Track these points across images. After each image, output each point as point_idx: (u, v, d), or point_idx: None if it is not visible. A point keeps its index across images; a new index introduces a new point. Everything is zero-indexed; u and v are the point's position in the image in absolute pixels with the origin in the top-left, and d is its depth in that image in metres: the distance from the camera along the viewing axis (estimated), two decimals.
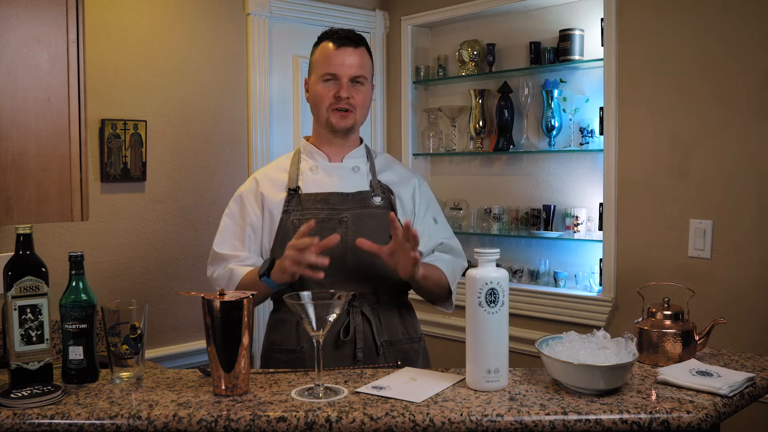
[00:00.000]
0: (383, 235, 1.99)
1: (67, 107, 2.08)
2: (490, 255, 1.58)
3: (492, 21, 3.50)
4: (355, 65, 2.01)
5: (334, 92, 2.01)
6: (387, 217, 2.00)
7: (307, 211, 2.01)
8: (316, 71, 2.04)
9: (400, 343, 2.05)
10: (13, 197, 1.99)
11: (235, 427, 1.43)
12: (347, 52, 2.01)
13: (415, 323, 2.15)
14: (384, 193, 2.08)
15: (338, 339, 1.97)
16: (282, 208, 2.03)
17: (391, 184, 2.12)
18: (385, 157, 2.21)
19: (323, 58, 2.03)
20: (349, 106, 2.02)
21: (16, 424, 1.45)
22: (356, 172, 2.09)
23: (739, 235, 2.62)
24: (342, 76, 2.00)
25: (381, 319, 2.03)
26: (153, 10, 2.90)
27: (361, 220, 2.01)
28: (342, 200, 2.03)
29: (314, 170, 2.08)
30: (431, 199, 2.21)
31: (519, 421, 1.42)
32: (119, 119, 2.79)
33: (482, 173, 3.56)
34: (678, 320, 1.79)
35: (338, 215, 2.00)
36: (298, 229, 1.96)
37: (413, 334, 2.11)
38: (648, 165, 2.86)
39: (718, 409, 1.48)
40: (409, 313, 2.14)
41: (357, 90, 2.03)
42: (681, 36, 2.74)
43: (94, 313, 1.70)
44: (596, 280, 3.10)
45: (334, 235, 1.85)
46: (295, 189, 2.05)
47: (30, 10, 2.00)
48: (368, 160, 2.14)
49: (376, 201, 2.06)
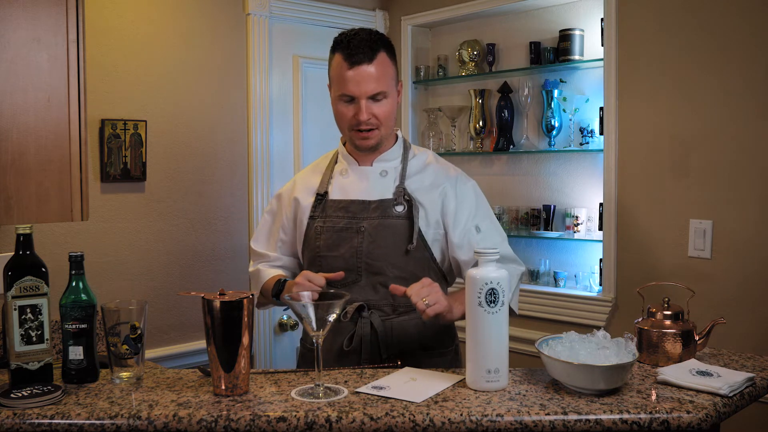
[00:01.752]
0: (400, 246, 1.94)
1: (67, 107, 2.08)
2: (490, 255, 1.58)
3: (492, 21, 3.50)
4: (372, 82, 1.89)
5: (353, 113, 1.92)
6: (405, 228, 1.95)
7: (329, 219, 1.99)
8: (334, 88, 1.96)
9: (418, 358, 1.91)
10: (13, 197, 1.99)
11: (235, 427, 1.43)
12: (362, 70, 1.89)
13: (442, 334, 2.02)
14: (407, 201, 1.97)
15: (341, 349, 1.93)
16: (309, 213, 2.03)
17: (418, 191, 1.99)
18: (423, 158, 2.07)
19: (338, 76, 1.93)
20: (371, 125, 1.93)
21: (16, 424, 1.45)
22: (384, 177, 2.01)
23: (739, 235, 2.62)
24: (360, 96, 1.90)
25: (394, 331, 1.94)
26: (153, 10, 2.90)
27: (378, 231, 1.95)
28: (362, 209, 1.97)
29: (344, 174, 2.04)
30: (473, 203, 2.03)
31: (519, 421, 1.42)
32: (119, 119, 2.79)
33: (482, 173, 3.56)
34: (678, 320, 1.79)
35: (357, 224, 1.96)
36: (319, 235, 1.99)
37: (437, 345, 2.01)
38: (648, 165, 2.86)
39: (718, 409, 1.48)
40: (435, 324, 1.92)
41: (378, 105, 1.93)
42: (681, 36, 2.74)
43: (94, 313, 1.70)
44: (596, 280, 3.10)
45: (340, 272, 1.88)
46: (323, 194, 2.03)
47: (30, 10, 2.00)
48: (402, 161, 2.03)
49: (397, 210, 1.96)
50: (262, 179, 3.22)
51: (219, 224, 3.11)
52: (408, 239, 1.95)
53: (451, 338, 2.07)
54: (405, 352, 1.94)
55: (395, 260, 1.94)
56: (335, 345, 1.94)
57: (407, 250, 1.94)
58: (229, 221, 3.14)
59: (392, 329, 1.95)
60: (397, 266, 1.94)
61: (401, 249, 1.94)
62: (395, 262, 1.94)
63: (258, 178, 3.22)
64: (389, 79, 1.95)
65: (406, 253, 1.95)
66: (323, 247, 1.98)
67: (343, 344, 1.93)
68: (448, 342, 2.06)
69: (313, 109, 3.37)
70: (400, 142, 2.06)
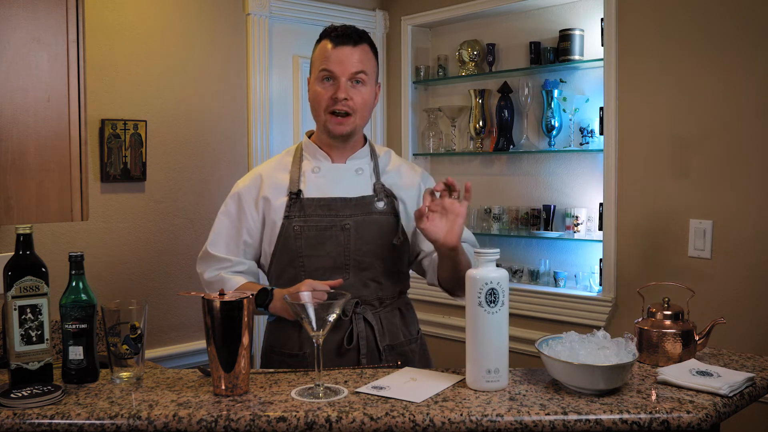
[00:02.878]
0: (386, 241, 1.98)
1: (67, 107, 2.08)
2: (490, 255, 1.58)
3: (492, 21, 3.50)
4: (355, 62, 1.91)
5: (331, 93, 1.92)
6: (390, 224, 1.99)
7: (309, 218, 1.95)
8: (315, 69, 1.97)
9: (400, 345, 2.03)
10: (13, 197, 1.99)
11: (235, 427, 1.43)
12: (345, 50, 1.92)
13: (414, 322, 2.12)
14: (387, 197, 2.01)
15: (341, 347, 1.94)
16: (283, 213, 1.96)
17: (395, 187, 2.04)
18: (389, 156, 2.12)
19: (321, 56, 1.95)
20: (348, 108, 1.92)
21: (16, 424, 1.45)
22: (359, 175, 2.02)
23: (739, 235, 2.62)
24: (340, 74, 1.91)
25: (383, 323, 2.00)
26: (153, 11, 2.90)
27: (363, 227, 1.96)
28: (344, 206, 1.97)
29: (316, 171, 2.00)
30: None
31: (519, 421, 1.42)
32: (119, 119, 2.79)
33: (482, 173, 3.56)
34: (678, 320, 1.79)
35: (341, 222, 1.95)
36: (299, 235, 1.94)
37: (413, 333, 2.09)
38: (648, 165, 2.86)
39: (718, 409, 1.48)
40: (409, 312, 2.11)
41: (357, 90, 1.93)
42: (681, 36, 2.74)
43: (94, 313, 1.70)
44: (596, 280, 3.10)
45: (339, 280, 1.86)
46: (296, 193, 1.97)
47: (30, 10, 2.00)
48: (372, 159, 2.06)
49: (380, 206, 1.99)
50: None
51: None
52: (392, 233, 1.99)
53: (417, 322, 2.15)
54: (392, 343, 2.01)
55: (383, 254, 1.98)
56: (333, 344, 1.94)
57: (394, 244, 1.98)
58: None
59: (382, 321, 2.00)
60: (384, 260, 1.99)
61: (387, 243, 1.97)
62: (382, 256, 1.98)
63: None
64: (371, 68, 1.97)
65: (393, 248, 1.99)
66: (305, 247, 1.95)
67: (344, 342, 1.94)
68: (417, 327, 2.13)
69: None
70: (367, 142, 2.08)
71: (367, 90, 1.96)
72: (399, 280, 2.06)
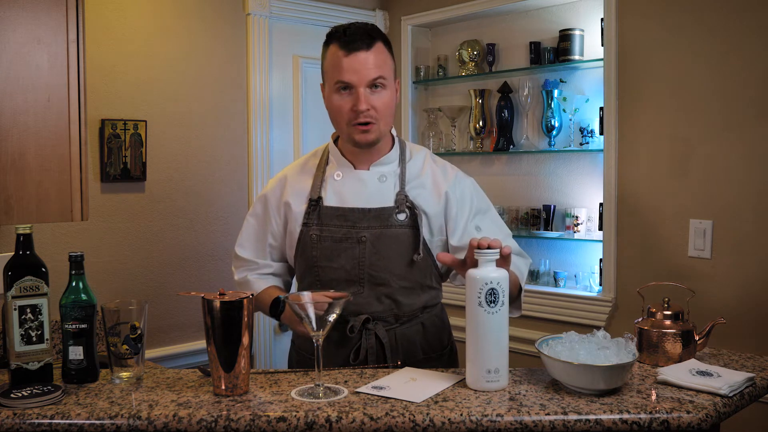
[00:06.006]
0: (405, 256, 1.88)
1: (67, 107, 2.08)
2: (490, 255, 1.58)
3: (492, 21, 3.50)
4: (371, 68, 1.79)
5: (351, 105, 1.81)
6: (409, 237, 1.88)
7: (326, 228, 1.88)
8: (329, 79, 1.85)
9: (418, 363, 1.89)
10: (13, 197, 1.99)
11: (235, 427, 1.43)
12: (359, 57, 1.79)
13: (441, 336, 2.01)
14: (409, 209, 1.88)
15: (347, 363, 1.88)
16: (302, 220, 1.91)
17: (419, 197, 1.91)
18: (421, 160, 1.98)
19: (334, 65, 1.82)
20: (371, 118, 1.82)
21: (16, 424, 1.45)
22: (382, 183, 1.90)
23: (739, 235, 2.62)
24: (357, 84, 1.79)
25: (398, 340, 1.91)
26: (153, 11, 2.90)
27: (380, 240, 1.86)
28: (362, 217, 1.87)
29: (338, 178, 1.92)
30: (472, 204, 1.96)
31: (519, 421, 1.42)
32: (119, 119, 2.79)
33: (482, 173, 3.56)
34: (678, 320, 1.79)
35: (357, 234, 1.86)
36: (315, 245, 1.89)
37: (436, 349, 1.99)
38: (648, 165, 2.86)
39: (718, 409, 1.48)
40: (435, 327, 1.98)
41: (378, 96, 1.82)
42: (681, 36, 2.74)
43: (94, 313, 1.70)
44: (596, 280, 3.10)
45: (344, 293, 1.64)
46: (316, 200, 1.91)
47: (30, 11, 2.01)
48: (399, 165, 1.93)
49: (400, 219, 1.87)
50: (262, 179, 3.22)
51: (219, 224, 3.11)
52: (412, 248, 1.88)
53: (448, 336, 2.07)
54: (407, 359, 1.91)
55: (399, 270, 1.89)
56: (339, 358, 1.90)
57: (413, 260, 1.87)
58: (229, 221, 3.13)
59: (396, 338, 1.91)
60: (401, 276, 1.89)
61: (405, 259, 1.87)
62: (399, 272, 1.89)
63: (258, 178, 3.22)
64: (388, 68, 1.85)
65: (411, 263, 1.88)
66: (320, 258, 1.90)
67: (350, 359, 1.89)
68: (446, 340, 2.05)
69: (313, 109, 3.36)
70: (396, 145, 1.96)
71: (388, 93, 1.85)
72: (422, 294, 1.94)
